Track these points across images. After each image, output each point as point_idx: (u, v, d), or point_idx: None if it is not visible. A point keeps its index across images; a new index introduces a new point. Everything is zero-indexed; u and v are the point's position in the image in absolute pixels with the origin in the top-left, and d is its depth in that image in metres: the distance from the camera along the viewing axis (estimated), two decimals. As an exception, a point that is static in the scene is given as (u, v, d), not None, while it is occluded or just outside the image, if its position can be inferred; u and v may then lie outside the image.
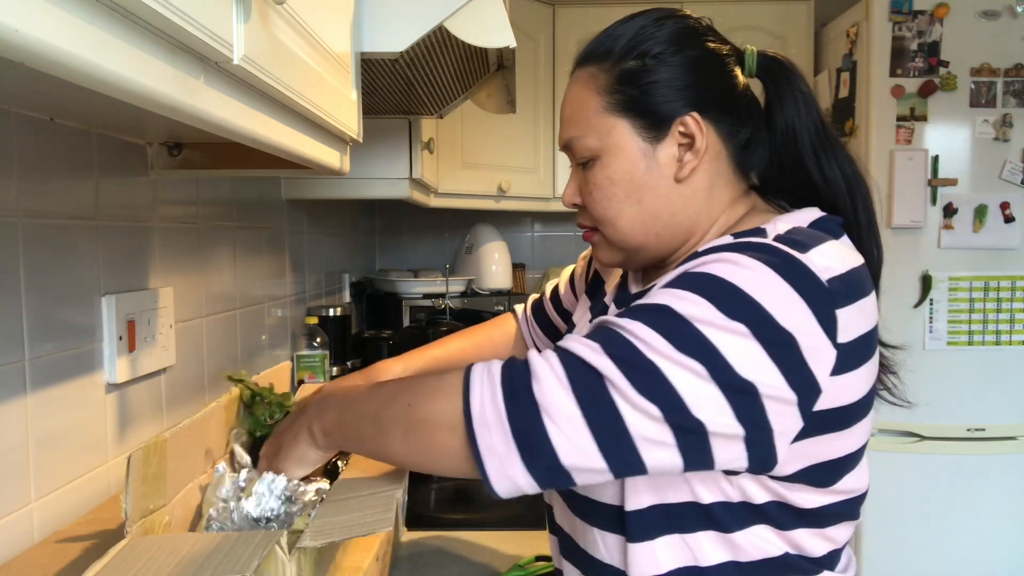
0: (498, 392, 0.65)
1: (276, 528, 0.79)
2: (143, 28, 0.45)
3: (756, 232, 0.73)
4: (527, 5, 2.61)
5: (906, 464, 2.34)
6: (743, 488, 0.71)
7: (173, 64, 0.50)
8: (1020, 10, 2.26)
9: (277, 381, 1.05)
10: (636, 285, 0.89)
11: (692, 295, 0.65)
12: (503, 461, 0.64)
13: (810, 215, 0.77)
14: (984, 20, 2.28)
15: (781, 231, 0.71)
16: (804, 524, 0.73)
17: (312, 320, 1.82)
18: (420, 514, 1.26)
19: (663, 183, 0.79)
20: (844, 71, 2.49)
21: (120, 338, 0.98)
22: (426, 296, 2.47)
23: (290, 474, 0.81)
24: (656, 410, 0.62)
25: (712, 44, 0.80)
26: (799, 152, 0.80)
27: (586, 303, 1.01)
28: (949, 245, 2.31)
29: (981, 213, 2.30)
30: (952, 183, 2.31)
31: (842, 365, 0.67)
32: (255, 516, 0.79)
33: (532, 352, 0.67)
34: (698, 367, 0.62)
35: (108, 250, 0.98)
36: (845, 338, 0.66)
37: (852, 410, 0.70)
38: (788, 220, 0.75)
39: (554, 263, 3.11)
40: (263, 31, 0.61)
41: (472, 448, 0.65)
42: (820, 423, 0.68)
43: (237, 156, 1.06)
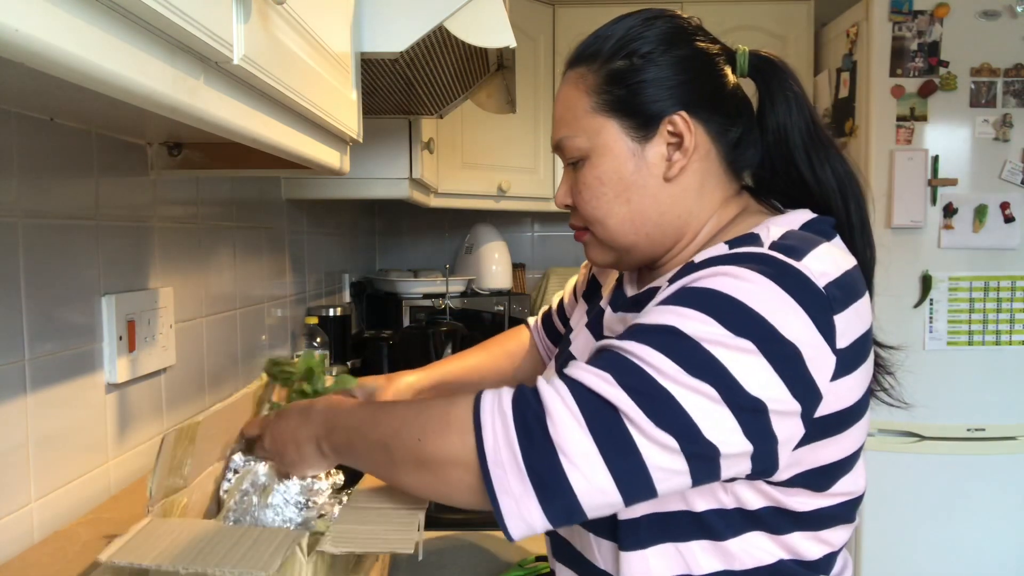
0: (511, 430, 0.63)
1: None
2: (143, 28, 0.45)
3: (751, 239, 0.72)
4: (527, 5, 2.61)
5: (906, 464, 2.34)
6: (738, 495, 0.71)
7: (173, 64, 0.50)
8: (1020, 10, 2.26)
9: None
10: (632, 288, 0.89)
11: (696, 313, 0.64)
12: (519, 502, 0.63)
13: (802, 217, 0.77)
14: (984, 20, 2.28)
15: (775, 237, 0.71)
16: (800, 528, 0.73)
17: (312, 320, 1.83)
18: (420, 514, 1.26)
19: (652, 182, 0.79)
20: (844, 71, 2.49)
21: (120, 338, 0.98)
22: (426, 296, 2.47)
23: (300, 475, 0.82)
24: (672, 441, 0.62)
25: (701, 43, 0.80)
26: (790, 152, 0.80)
27: (583, 307, 1.02)
28: (949, 245, 2.31)
29: (981, 213, 2.30)
30: (952, 183, 2.31)
31: (841, 370, 0.67)
32: (276, 523, 0.80)
33: (541, 382, 0.66)
34: (710, 391, 0.62)
35: (108, 250, 0.98)
36: (844, 343, 0.66)
37: (849, 413, 0.70)
38: (780, 223, 0.75)
39: (554, 263, 3.11)
40: (263, 31, 0.61)
41: (486, 486, 0.64)
42: (820, 428, 0.68)
43: (237, 156, 1.06)
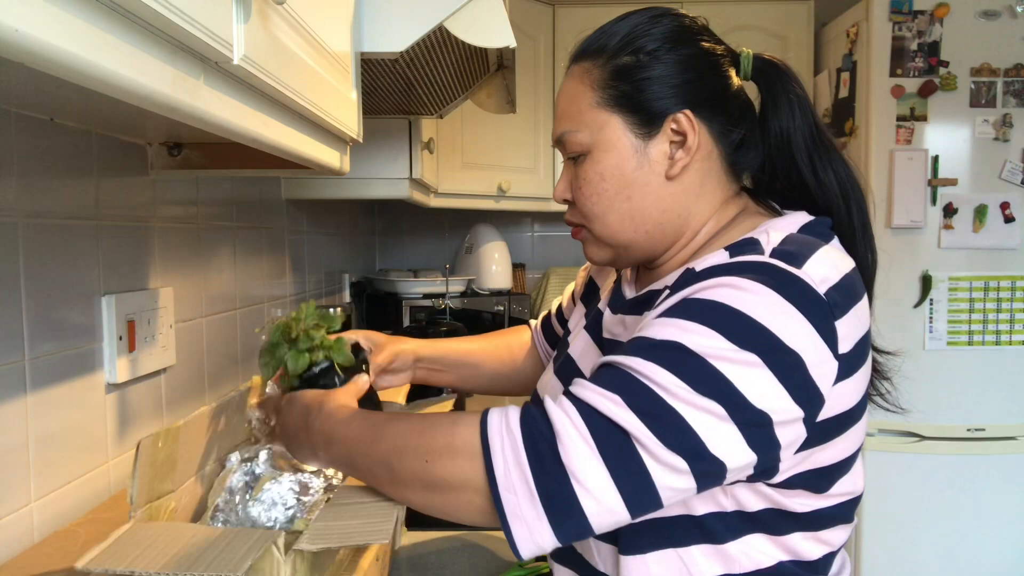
0: (522, 454, 0.64)
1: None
2: (143, 28, 0.45)
3: (751, 245, 0.72)
4: (527, 5, 2.61)
5: (906, 464, 2.34)
6: (737, 497, 0.71)
7: (173, 64, 0.50)
8: (1020, 10, 2.26)
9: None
10: (630, 289, 0.88)
11: (701, 327, 0.64)
12: (531, 527, 0.64)
13: (800, 219, 0.77)
14: (984, 20, 2.28)
15: (775, 242, 0.71)
16: (799, 528, 0.73)
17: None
18: (420, 514, 1.26)
19: (654, 180, 0.78)
20: (844, 71, 2.49)
21: (120, 338, 0.98)
22: (426, 296, 2.47)
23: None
24: (682, 463, 0.62)
25: (707, 44, 0.80)
26: (793, 155, 0.80)
27: (581, 309, 1.02)
28: (949, 245, 2.31)
29: (981, 213, 2.30)
30: (952, 183, 2.31)
31: (842, 374, 0.67)
32: (263, 523, 0.80)
33: (549, 403, 0.66)
34: (717, 408, 0.62)
35: (108, 250, 0.98)
36: (845, 348, 0.67)
37: (849, 415, 0.70)
38: (779, 227, 0.75)
39: (554, 263, 3.11)
40: (263, 31, 0.61)
41: (498, 510, 0.64)
42: (821, 432, 0.68)
43: (237, 156, 1.06)
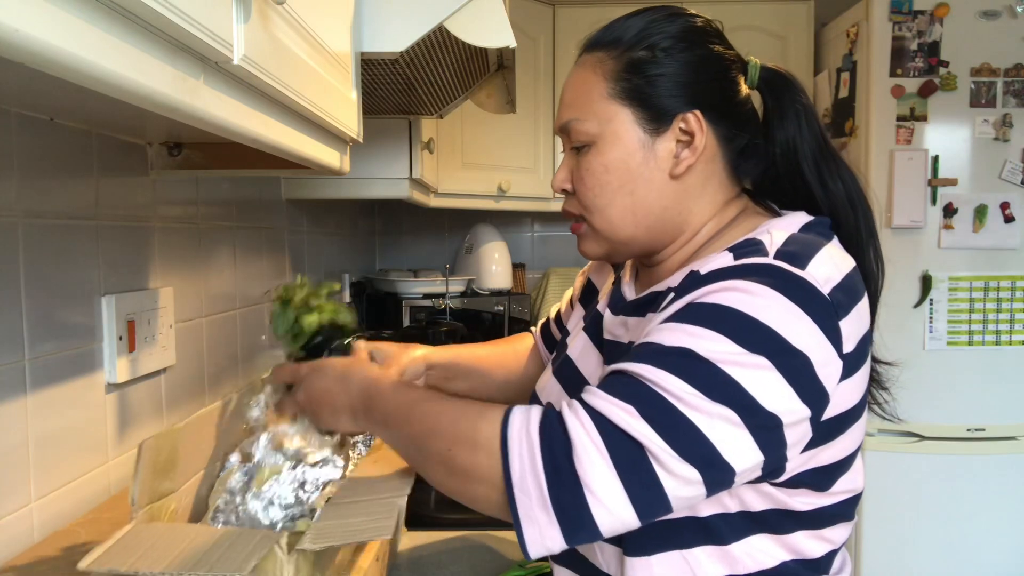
0: (538, 460, 0.64)
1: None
2: (143, 28, 0.45)
3: (754, 246, 0.72)
4: (527, 5, 2.61)
5: (906, 464, 2.34)
6: (742, 498, 0.71)
7: (173, 64, 0.50)
8: (1020, 10, 2.26)
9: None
10: (631, 290, 0.88)
11: (709, 331, 0.65)
12: (542, 531, 0.64)
13: (799, 219, 0.77)
14: (984, 20, 2.28)
15: (779, 243, 0.71)
16: (802, 527, 0.74)
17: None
18: (420, 514, 1.26)
19: (658, 176, 0.79)
20: (844, 71, 2.49)
21: (120, 338, 0.98)
22: (426, 296, 2.46)
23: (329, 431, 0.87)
24: (695, 473, 0.63)
25: (719, 48, 0.80)
26: (799, 164, 0.80)
27: (579, 312, 1.02)
28: (949, 245, 2.31)
29: (981, 213, 2.30)
30: (952, 183, 2.31)
31: (846, 373, 0.68)
32: (263, 522, 0.79)
33: (565, 411, 0.66)
34: (731, 415, 0.62)
35: (108, 250, 0.98)
36: (849, 347, 0.68)
37: (850, 414, 0.71)
38: (781, 227, 0.75)
39: (554, 263, 3.11)
40: (263, 31, 0.61)
41: (511, 509, 0.65)
42: (825, 430, 0.69)
43: (237, 156, 1.06)
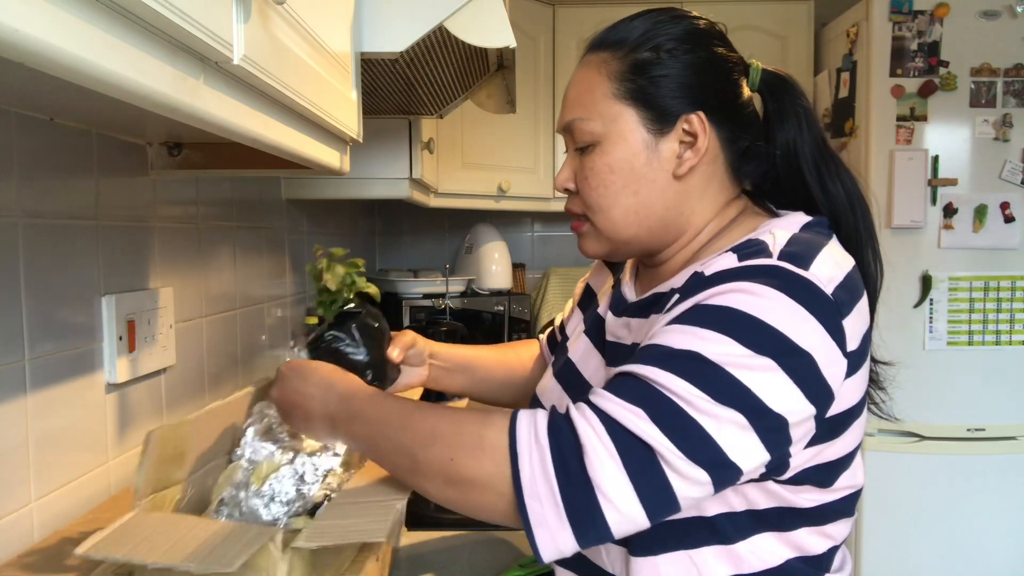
0: (548, 464, 0.65)
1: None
2: (143, 28, 0.45)
3: (757, 247, 0.72)
4: (527, 5, 2.61)
5: (906, 464, 2.34)
6: (747, 496, 0.72)
7: (173, 64, 0.50)
8: (1020, 10, 2.26)
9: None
10: (632, 292, 0.89)
11: (715, 334, 0.65)
12: (554, 535, 0.64)
13: (799, 219, 0.78)
14: (984, 20, 2.28)
15: (781, 243, 0.71)
16: (806, 523, 0.74)
17: (312, 320, 1.82)
18: (420, 514, 1.26)
19: (661, 177, 0.79)
20: (844, 71, 2.49)
21: (120, 338, 0.98)
22: (426, 296, 2.46)
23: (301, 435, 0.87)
24: (704, 475, 0.63)
25: (722, 50, 0.81)
26: (800, 167, 0.81)
27: (579, 316, 1.02)
28: (949, 245, 2.31)
29: (981, 213, 2.30)
30: (952, 183, 2.31)
31: (849, 371, 0.69)
32: (264, 518, 0.80)
33: (574, 413, 0.67)
34: (739, 418, 0.63)
35: (108, 250, 0.98)
36: (853, 346, 0.68)
37: (854, 410, 0.72)
38: (782, 227, 0.75)
39: (554, 263, 3.11)
40: (263, 31, 0.61)
41: (521, 515, 0.65)
42: (828, 427, 0.70)
43: (237, 156, 1.06)
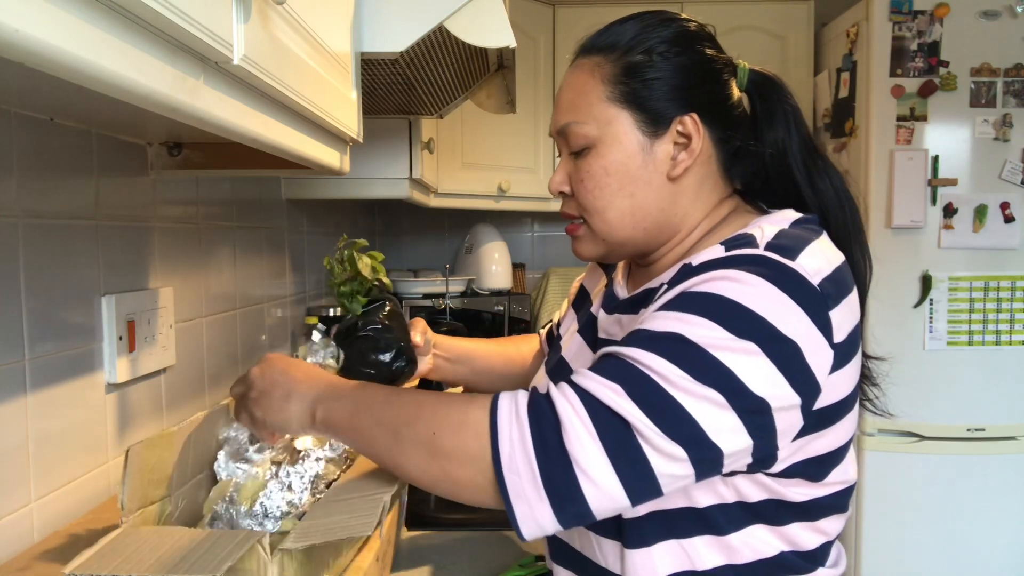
0: (528, 439, 0.65)
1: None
2: (143, 28, 0.45)
3: (745, 239, 0.74)
4: (527, 5, 2.61)
5: (906, 464, 2.34)
6: (738, 488, 0.72)
7: (173, 64, 0.50)
8: (1020, 10, 2.26)
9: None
10: (623, 290, 0.89)
11: (700, 318, 0.66)
12: (533, 508, 0.65)
13: (789, 216, 0.78)
14: (984, 20, 2.28)
15: (769, 236, 0.72)
16: (798, 518, 0.75)
17: (312, 320, 1.82)
18: (420, 514, 1.26)
19: (656, 178, 0.80)
20: (844, 71, 2.49)
21: (120, 338, 0.98)
22: (426, 296, 2.46)
23: (267, 428, 0.81)
24: (681, 451, 0.64)
25: (711, 51, 0.82)
26: (789, 165, 0.82)
27: (573, 315, 1.03)
28: (949, 245, 2.31)
29: (981, 213, 2.30)
30: (952, 183, 2.31)
31: (837, 363, 0.69)
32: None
33: (554, 392, 0.67)
34: (717, 396, 0.63)
35: (108, 250, 0.98)
36: (839, 338, 0.69)
37: (843, 404, 0.72)
38: (772, 222, 0.76)
39: (554, 263, 3.11)
40: (263, 31, 0.61)
41: (500, 489, 0.66)
42: (817, 420, 0.70)
43: (237, 156, 1.06)
